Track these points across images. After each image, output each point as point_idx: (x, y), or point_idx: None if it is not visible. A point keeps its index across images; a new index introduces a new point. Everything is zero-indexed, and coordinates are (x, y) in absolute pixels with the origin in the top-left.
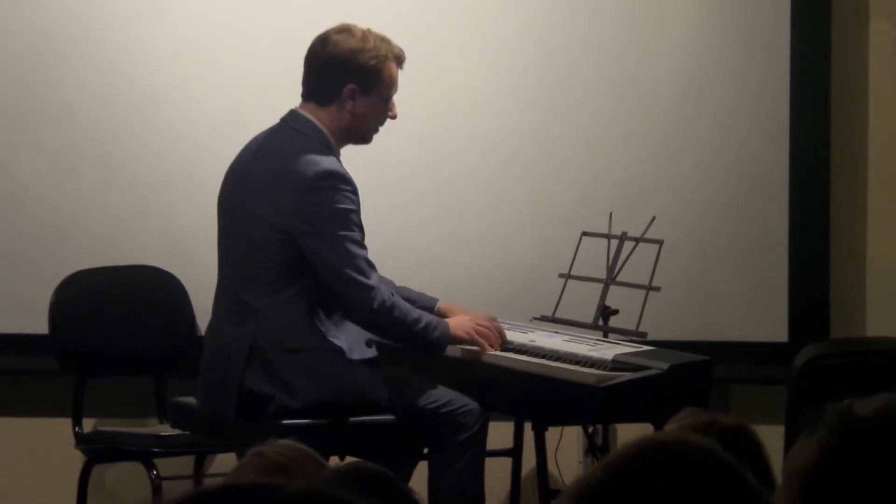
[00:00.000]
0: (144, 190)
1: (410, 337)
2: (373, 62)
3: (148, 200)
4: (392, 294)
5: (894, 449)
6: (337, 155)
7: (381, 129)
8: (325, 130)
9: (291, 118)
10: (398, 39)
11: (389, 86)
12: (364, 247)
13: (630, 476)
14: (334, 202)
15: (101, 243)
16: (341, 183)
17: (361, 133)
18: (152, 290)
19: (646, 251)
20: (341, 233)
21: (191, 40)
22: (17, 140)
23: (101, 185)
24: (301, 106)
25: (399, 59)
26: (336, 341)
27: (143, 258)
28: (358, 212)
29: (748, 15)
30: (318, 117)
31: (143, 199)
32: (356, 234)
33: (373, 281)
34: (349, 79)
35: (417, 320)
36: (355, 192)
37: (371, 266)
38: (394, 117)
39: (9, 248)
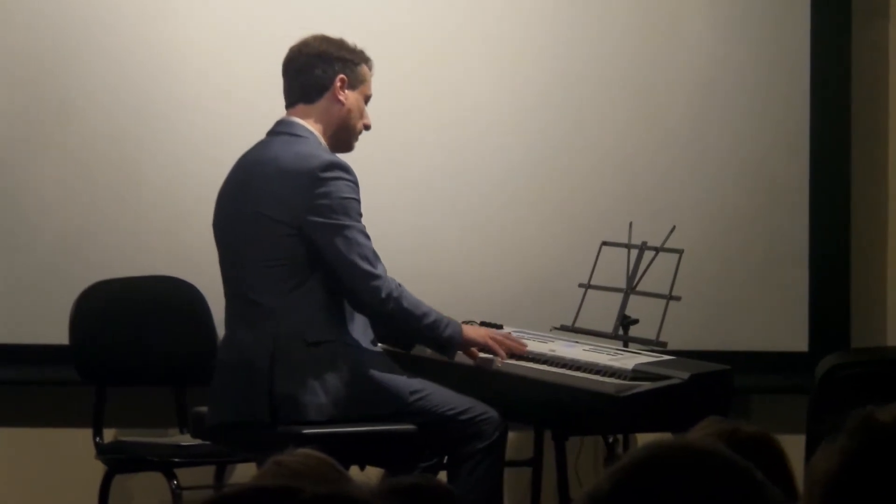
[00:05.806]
0: (164, 200)
1: (420, 331)
2: (356, 58)
3: (168, 211)
4: (399, 285)
5: None
6: None
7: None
8: (317, 133)
9: (282, 126)
10: (414, 47)
11: (368, 84)
12: (369, 237)
13: (638, 481)
14: (341, 192)
15: (121, 254)
16: (345, 173)
17: (349, 130)
18: (172, 300)
19: (666, 261)
20: (349, 223)
21: (218, 53)
22: (36, 152)
23: (120, 196)
24: (288, 113)
25: (371, 64)
26: (353, 333)
27: (163, 269)
28: (360, 202)
29: (768, 26)
30: (308, 120)
31: (163, 209)
32: (362, 225)
33: (380, 271)
34: (339, 69)
35: (427, 314)
36: (357, 182)
37: (377, 257)
38: (368, 127)
39: (29, 258)
